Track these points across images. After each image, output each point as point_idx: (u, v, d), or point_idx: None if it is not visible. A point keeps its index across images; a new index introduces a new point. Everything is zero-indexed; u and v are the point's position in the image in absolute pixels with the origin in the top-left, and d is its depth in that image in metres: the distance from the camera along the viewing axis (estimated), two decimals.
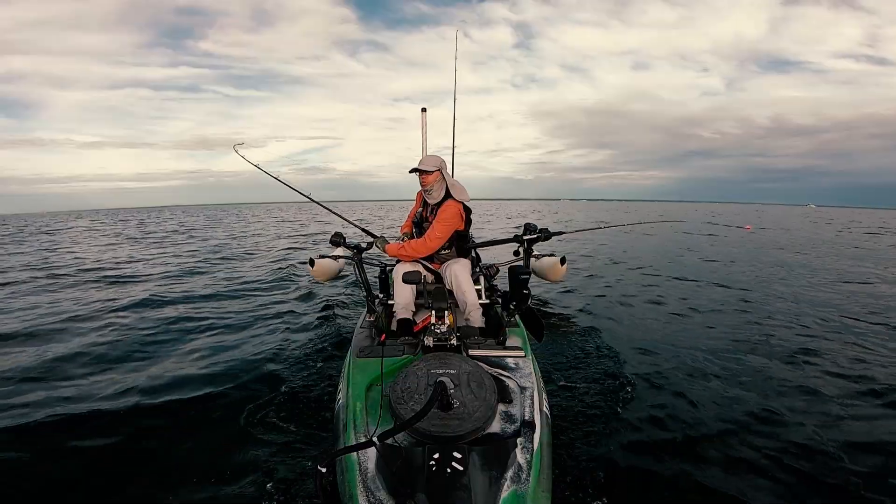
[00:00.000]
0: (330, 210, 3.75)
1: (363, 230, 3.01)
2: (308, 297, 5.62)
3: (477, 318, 2.56)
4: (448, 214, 2.67)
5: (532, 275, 2.72)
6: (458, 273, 2.61)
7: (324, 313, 4.79)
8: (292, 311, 4.89)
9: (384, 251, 2.78)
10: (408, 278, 2.39)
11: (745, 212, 50.41)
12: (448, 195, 2.74)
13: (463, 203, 2.77)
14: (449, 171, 2.88)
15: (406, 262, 2.76)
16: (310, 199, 3.40)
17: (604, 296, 5.59)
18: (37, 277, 7.35)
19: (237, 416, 2.56)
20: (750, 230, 18.36)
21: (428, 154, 3.25)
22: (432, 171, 2.69)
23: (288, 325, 4.34)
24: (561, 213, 40.92)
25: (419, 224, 2.92)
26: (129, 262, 9.30)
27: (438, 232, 2.66)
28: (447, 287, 2.60)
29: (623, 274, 7.13)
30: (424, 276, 2.83)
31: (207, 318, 4.68)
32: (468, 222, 2.87)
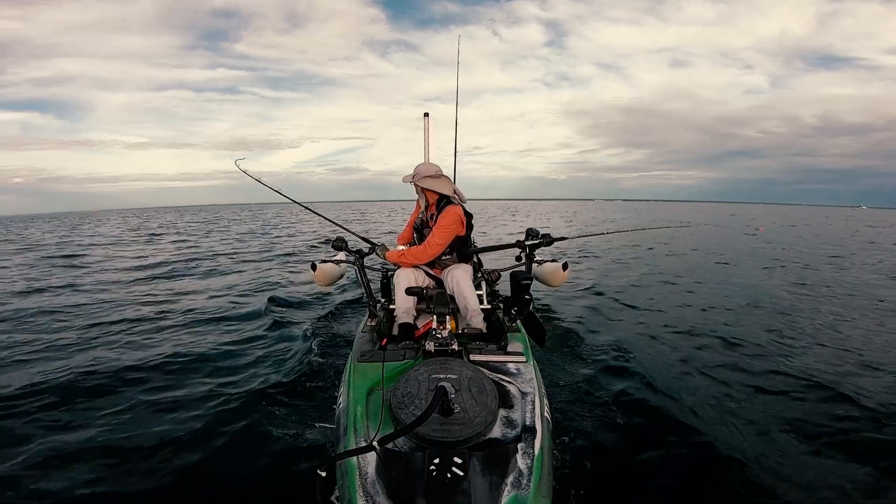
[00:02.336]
0: (325, 218, 3.76)
1: (362, 238, 3.01)
2: (310, 301, 5.63)
3: (478, 324, 2.56)
4: (448, 220, 2.68)
5: (534, 280, 2.72)
6: (459, 278, 2.61)
7: (325, 317, 4.80)
8: (294, 315, 4.90)
9: (384, 258, 2.78)
10: (410, 291, 2.42)
11: (790, 213, 50.05)
12: (446, 201, 2.76)
13: (464, 208, 2.78)
14: (449, 174, 2.90)
15: (407, 267, 2.76)
16: (309, 209, 3.44)
17: (607, 301, 5.58)
18: None
19: (237, 418, 2.56)
20: (763, 231, 18.29)
21: (430, 159, 3.28)
22: (411, 182, 2.74)
23: (289, 329, 4.34)
24: (595, 212, 41.03)
25: (419, 230, 2.93)
26: None
27: (438, 238, 2.67)
28: (448, 292, 2.60)
29: (628, 279, 7.11)
30: (427, 284, 2.84)
31: (208, 320, 4.70)
32: (469, 227, 2.88)
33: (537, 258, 2.91)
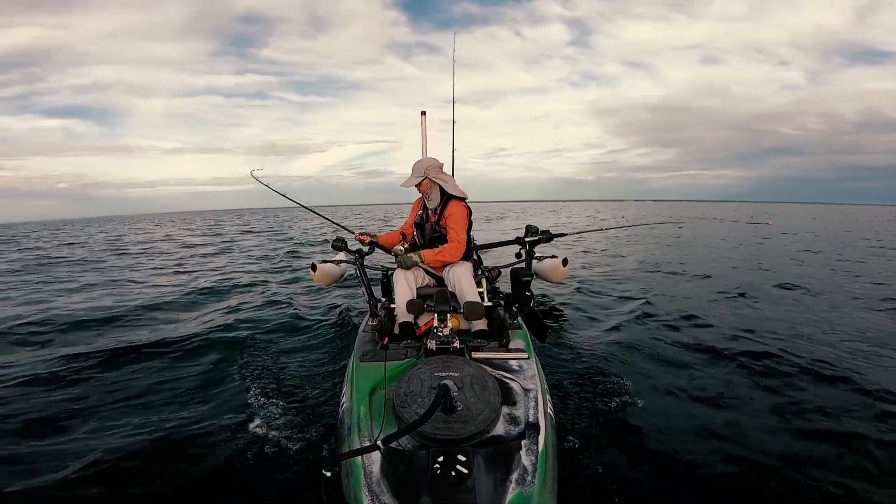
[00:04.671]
0: (328, 220, 3.82)
1: (378, 246, 3.00)
2: (310, 301, 5.63)
3: (481, 323, 2.57)
4: (461, 215, 2.74)
5: (534, 276, 2.73)
6: (461, 276, 2.61)
7: (326, 318, 4.79)
8: (295, 317, 4.89)
9: (420, 263, 2.72)
10: (412, 308, 2.39)
11: (831, 212, 48.24)
12: (447, 196, 2.78)
13: (465, 202, 2.82)
14: (447, 172, 2.92)
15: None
16: (314, 212, 3.56)
17: (608, 296, 5.58)
18: None
19: (241, 420, 2.56)
20: (771, 224, 18.37)
21: (427, 156, 3.28)
22: (422, 180, 2.74)
23: (291, 330, 4.34)
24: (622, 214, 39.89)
25: (421, 226, 2.94)
26: None
27: (461, 233, 2.73)
28: (450, 289, 2.60)
29: (629, 273, 7.11)
30: (427, 282, 2.84)
31: (211, 322, 4.69)
32: (469, 224, 2.89)
33: (537, 254, 2.92)
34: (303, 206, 3.54)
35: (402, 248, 2.85)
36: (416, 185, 2.77)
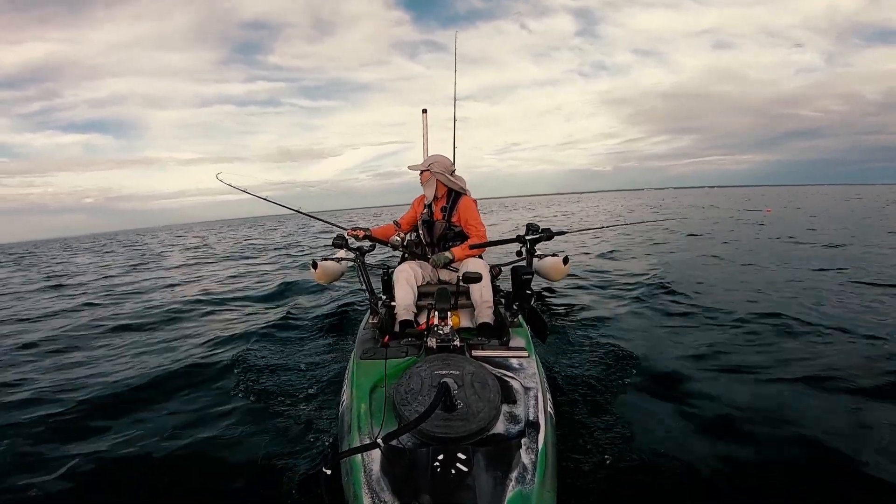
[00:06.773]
0: (323, 220, 3.83)
1: (372, 239, 3.01)
2: (311, 299, 5.63)
3: (488, 316, 2.58)
4: (473, 208, 2.89)
5: (535, 275, 2.74)
6: (480, 269, 2.65)
7: (327, 316, 4.80)
8: (295, 314, 4.90)
9: (454, 261, 2.82)
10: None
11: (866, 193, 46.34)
12: (456, 193, 2.90)
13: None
14: (451, 170, 2.94)
15: (409, 262, 2.82)
16: (304, 213, 3.60)
17: (609, 294, 5.57)
18: None
19: (241, 417, 2.57)
20: (770, 213, 18.29)
21: (430, 154, 3.32)
22: (424, 171, 2.90)
23: (291, 328, 4.35)
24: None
25: (429, 224, 2.97)
26: None
27: (480, 226, 2.89)
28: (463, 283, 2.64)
29: (630, 271, 7.09)
30: (430, 279, 2.86)
31: (205, 319, 4.70)
32: None
33: (538, 252, 2.93)
34: (290, 209, 3.51)
35: (398, 239, 2.94)
36: (419, 173, 2.93)
